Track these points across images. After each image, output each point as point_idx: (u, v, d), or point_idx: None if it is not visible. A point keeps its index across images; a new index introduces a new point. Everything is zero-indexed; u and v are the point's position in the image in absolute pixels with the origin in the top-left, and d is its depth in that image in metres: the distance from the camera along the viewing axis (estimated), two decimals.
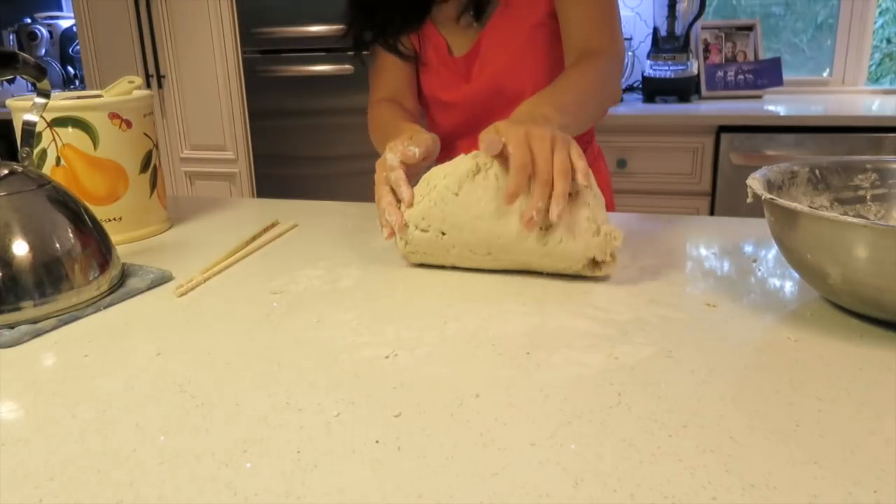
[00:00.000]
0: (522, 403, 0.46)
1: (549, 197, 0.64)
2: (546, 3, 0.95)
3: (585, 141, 1.06)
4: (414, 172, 0.76)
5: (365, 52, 1.03)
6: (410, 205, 0.71)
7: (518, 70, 0.98)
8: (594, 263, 0.68)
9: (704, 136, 2.01)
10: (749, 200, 0.61)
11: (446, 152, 1.02)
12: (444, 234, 0.70)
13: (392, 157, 0.74)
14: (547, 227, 0.67)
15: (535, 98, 0.79)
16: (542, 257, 0.68)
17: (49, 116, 0.81)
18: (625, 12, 2.50)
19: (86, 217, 0.68)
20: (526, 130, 0.67)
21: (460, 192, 0.69)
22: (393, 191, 0.73)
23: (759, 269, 0.71)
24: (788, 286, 0.66)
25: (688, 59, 2.26)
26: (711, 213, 2.05)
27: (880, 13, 2.36)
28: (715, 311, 0.61)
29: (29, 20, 3.12)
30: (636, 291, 0.65)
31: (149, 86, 2.49)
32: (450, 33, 1.01)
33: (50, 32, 3.11)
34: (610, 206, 1.09)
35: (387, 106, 1.00)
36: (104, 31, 2.52)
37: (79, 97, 0.86)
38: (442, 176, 0.71)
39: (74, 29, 2.76)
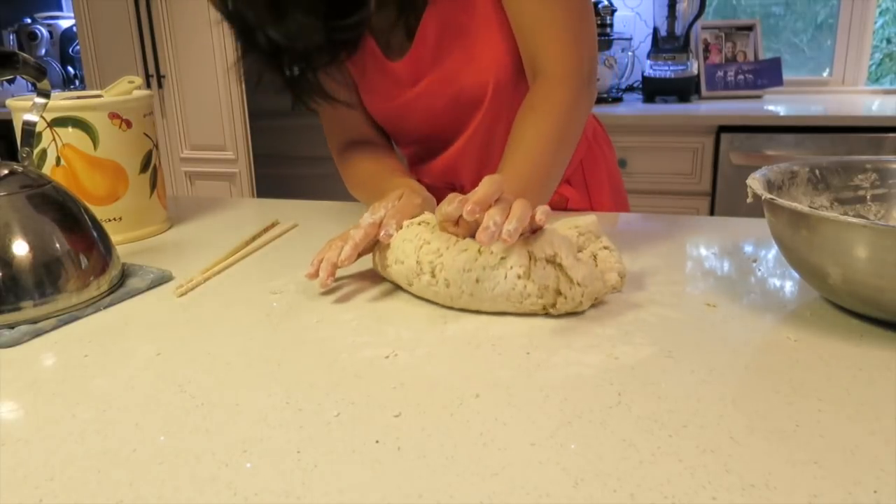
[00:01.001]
0: (522, 403, 0.46)
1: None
2: None
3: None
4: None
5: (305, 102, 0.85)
6: (342, 265, 0.65)
7: (475, 64, 0.82)
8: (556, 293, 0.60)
9: (704, 136, 2.01)
10: (749, 200, 0.61)
11: (418, 175, 0.97)
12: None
13: (366, 217, 0.68)
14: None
15: (513, 170, 0.72)
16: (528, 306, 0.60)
17: (49, 116, 0.81)
18: (625, 12, 2.50)
19: (86, 217, 0.68)
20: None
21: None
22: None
23: (759, 269, 0.71)
24: (788, 286, 0.66)
25: (688, 59, 2.26)
26: (711, 213, 2.05)
27: (880, 13, 2.36)
28: (715, 311, 0.61)
29: (29, 20, 3.12)
30: (636, 291, 0.65)
31: (149, 86, 2.49)
32: (383, 36, 0.85)
33: (50, 32, 3.11)
34: (621, 205, 1.05)
35: (360, 153, 0.89)
36: (104, 31, 2.52)
37: (79, 97, 0.86)
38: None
39: (74, 29, 2.76)
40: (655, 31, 2.32)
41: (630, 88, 2.51)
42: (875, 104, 2.11)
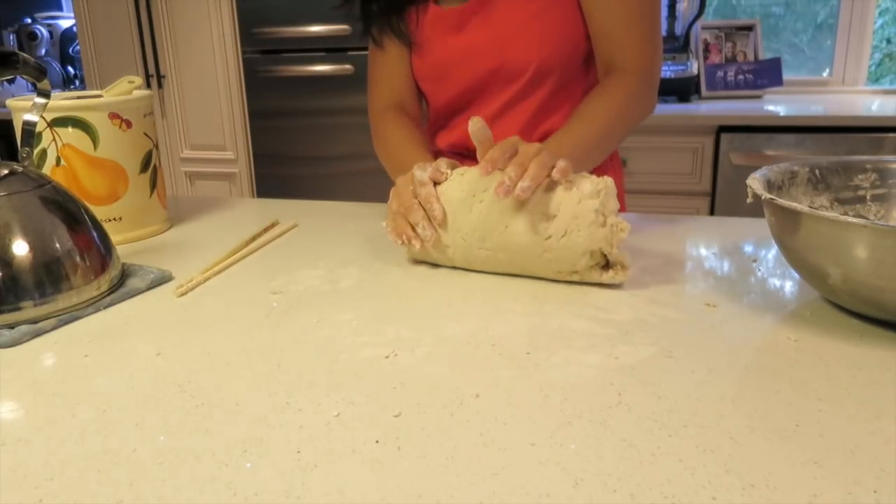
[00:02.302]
0: (522, 403, 0.46)
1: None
2: None
3: None
4: None
5: (372, 34, 0.96)
6: (442, 224, 0.70)
7: (524, 40, 0.88)
8: (601, 265, 0.66)
9: (704, 136, 2.01)
10: (749, 200, 0.61)
11: (444, 132, 1.00)
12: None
13: (421, 174, 0.72)
14: (549, 217, 0.65)
15: (554, 137, 0.79)
16: (544, 254, 0.66)
17: (49, 116, 0.81)
18: None
19: (86, 217, 0.68)
20: (518, 139, 0.68)
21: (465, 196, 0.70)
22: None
23: (759, 269, 0.71)
24: (788, 286, 0.66)
25: (688, 59, 2.26)
26: (711, 213, 2.05)
27: (880, 13, 2.36)
28: (715, 311, 0.61)
29: (29, 20, 3.12)
30: (636, 291, 0.65)
31: (149, 86, 2.49)
32: None
33: (50, 32, 3.11)
34: (621, 209, 1.07)
35: (392, 119, 0.95)
36: (104, 31, 2.52)
37: (79, 97, 0.86)
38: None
39: (74, 29, 2.76)
40: None
41: None
42: (875, 104, 2.11)
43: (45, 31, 3.09)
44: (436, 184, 0.72)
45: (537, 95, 0.91)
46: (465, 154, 0.98)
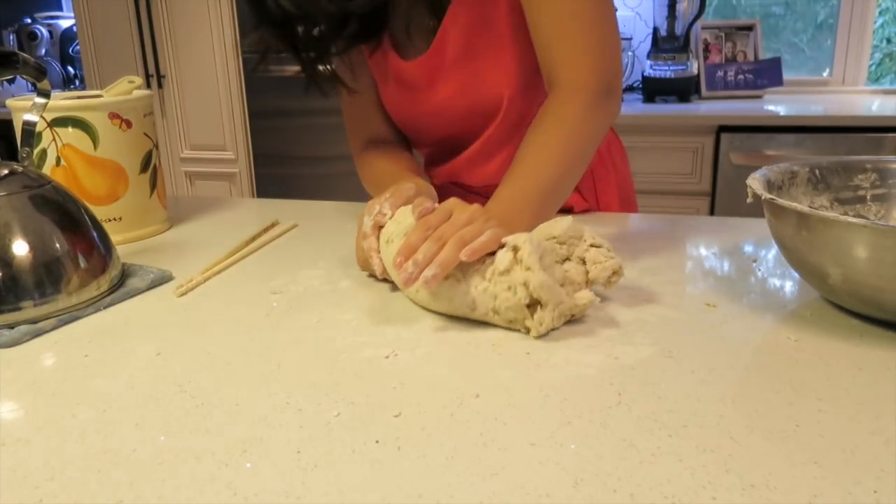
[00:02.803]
0: (522, 403, 0.46)
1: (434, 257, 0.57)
2: None
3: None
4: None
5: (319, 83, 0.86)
6: (385, 275, 0.67)
7: (490, 76, 0.82)
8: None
9: (704, 136, 2.01)
10: (749, 200, 0.61)
11: (432, 175, 0.97)
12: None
13: (367, 222, 0.68)
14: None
15: (513, 184, 0.70)
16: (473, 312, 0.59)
17: (49, 116, 0.81)
18: (625, 12, 2.50)
19: (86, 217, 0.68)
20: (456, 202, 0.63)
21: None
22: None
23: (759, 269, 0.71)
24: (788, 286, 0.66)
25: (688, 59, 2.26)
26: (711, 213, 2.05)
27: (880, 13, 2.36)
28: (715, 311, 0.61)
29: (29, 20, 3.12)
30: (636, 291, 0.65)
31: (149, 86, 2.49)
32: (399, 36, 0.85)
33: (50, 32, 3.11)
34: (631, 206, 1.03)
35: (377, 152, 0.91)
36: (104, 31, 2.52)
37: (79, 97, 0.86)
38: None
39: (74, 29, 2.76)
40: (655, 31, 2.32)
41: (630, 88, 2.51)
42: (875, 104, 2.11)
43: (45, 31, 3.09)
44: (381, 227, 0.68)
45: (523, 126, 0.80)
46: (458, 185, 0.96)
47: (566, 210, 0.96)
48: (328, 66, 0.83)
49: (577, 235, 0.62)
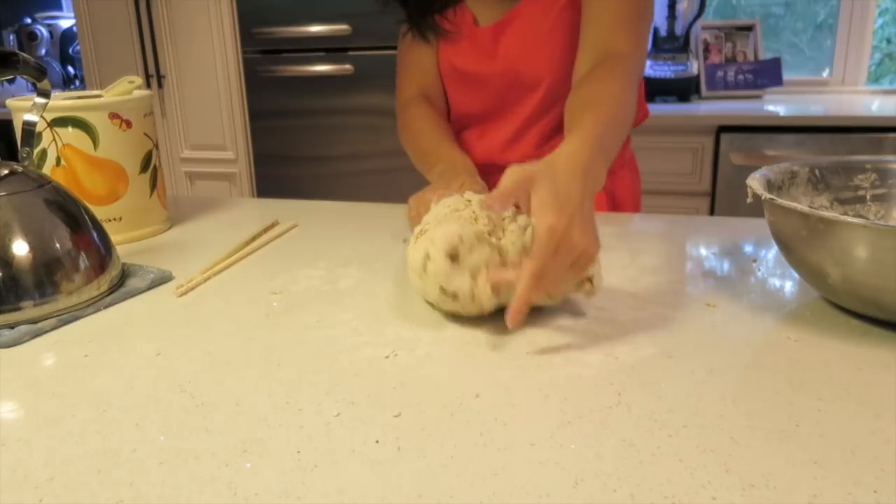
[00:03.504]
0: (522, 403, 0.46)
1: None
2: None
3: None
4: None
5: (413, 26, 0.98)
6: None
7: (539, 54, 0.92)
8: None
9: (704, 136, 2.01)
10: (749, 200, 0.61)
11: (457, 135, 1.01)
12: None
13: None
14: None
15: (581, 139, 0.66)
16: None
17: (49, 116, 0.81)
18: None
19: (86, 217, 0.68)
20: (570, 221, 0.55)
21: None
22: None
23: (759, 269, 0.71)
24: (788, 286, 0.66)
25: (688, 59, 2.26)
26: (711, 213, 2.05)
27: (880, 13, 2.36)
28: (715, 311, 0.61)
29: (29, 20, 3.12)
30: (636, 291, 0.65)
31: (149, 86, 2.49)
32: (478, 3, 0.96)
33: (50, 32, 3.11)
34: (636, 210, 1.08)
35: (421, 111, 0.98)
36: (104, 31, 2.52)
37: (79, 97, 0.86)
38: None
39: (74, 29, 2.76)
40: (655, 30, 2.32)
41: None
42: (875, 104, 2.11)
43: (45, 31, 3.09)
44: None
45: (554, 112, 0.93)
46: (483, 168, 0.98)
47: None
48: (432, 17, 0.96)
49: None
